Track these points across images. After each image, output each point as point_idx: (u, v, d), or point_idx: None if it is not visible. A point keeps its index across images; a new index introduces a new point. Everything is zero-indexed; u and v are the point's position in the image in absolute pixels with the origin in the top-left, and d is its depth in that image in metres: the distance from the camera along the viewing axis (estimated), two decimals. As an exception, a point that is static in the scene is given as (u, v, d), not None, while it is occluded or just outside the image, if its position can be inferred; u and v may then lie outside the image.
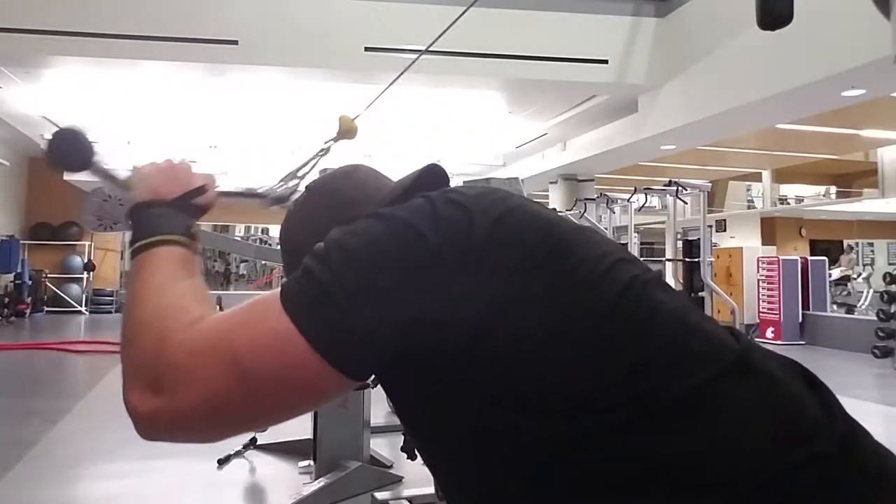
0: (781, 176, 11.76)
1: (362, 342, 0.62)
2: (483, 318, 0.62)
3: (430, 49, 6.20)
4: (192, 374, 0.62)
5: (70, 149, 0.85)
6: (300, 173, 1.07)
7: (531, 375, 0.62)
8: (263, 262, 15.72)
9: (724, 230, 12.31)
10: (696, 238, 9.53)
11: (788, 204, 12.45)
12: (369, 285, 0.62)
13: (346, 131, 1.16)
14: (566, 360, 0.61)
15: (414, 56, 5.98)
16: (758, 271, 9.98)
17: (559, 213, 0.73)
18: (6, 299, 11.33)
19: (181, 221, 0.80)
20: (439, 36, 3.11)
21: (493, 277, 0.63)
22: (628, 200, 8.75)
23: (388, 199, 0.82)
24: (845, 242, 12.78)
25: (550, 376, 0.61)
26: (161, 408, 0.62)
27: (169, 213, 0.79)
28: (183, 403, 0.62)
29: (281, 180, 1.04)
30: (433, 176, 0.85)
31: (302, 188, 1.04)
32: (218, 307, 0.74)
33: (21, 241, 12.38)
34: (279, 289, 0.65)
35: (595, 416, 0.60)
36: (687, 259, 10.63)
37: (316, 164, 1.10)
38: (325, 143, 1.13)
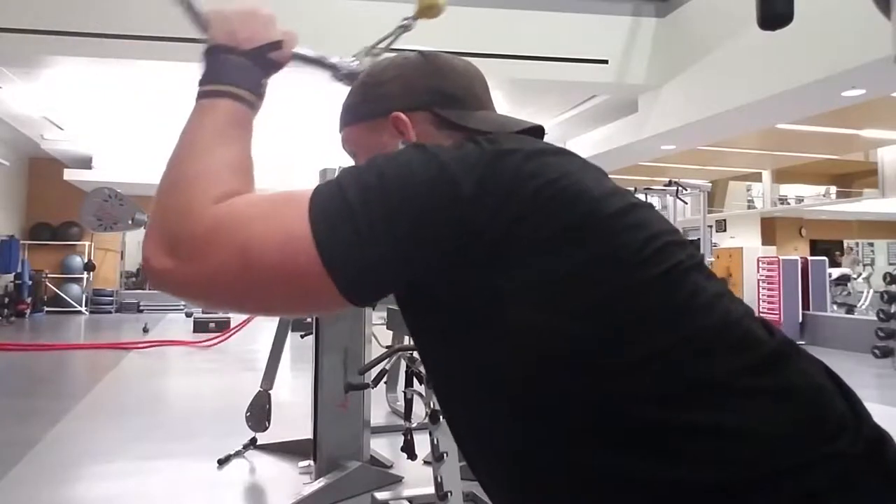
0: (781, 176, 11.75)
1: (371, 273, 0.63)
2: (506, 281, 0.63)
3: (430, 49, 6.19)
4: (203, 251, 0.63)
5: None
6: (374, 51, 1.00)
7: (557, 340, 0.62)
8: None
9: (725, 230, 12.30)
10: (696, 238, 9.53)
11: (788, 204, 12.43)
12: (393, 220, 0.62)
13: (428, 8, 1.00)
14: (599, 332, 0.62)
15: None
16: (758, 271, 9.98)
17: (614, 185, 0.71)
18: (6, 299, 11.34)
19: (253, 76, 0.78)
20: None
21: (524, 245, 0.63)
22: (628, 200, 8.72)
23: (479, 128, 0.79)
24: (845, 242, 12.77)
25: (571, 347, 0.62)
26: (170, 270, 0.64)
27: (243, 63, 0.77)
28: (189, 274, 0.64)
29: (354, 55, 0.96)
30: (538, 135, 0.82)
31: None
32: None
33: (21, 241, 12.38)
34: (312, 189, 0.65)
35: (623, 385, 0.60)
36: (687, 259, 10.58)
37: (393, 42, 1.01)
38: (404, 20, 1.02)
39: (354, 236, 0.62)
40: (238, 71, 0.77)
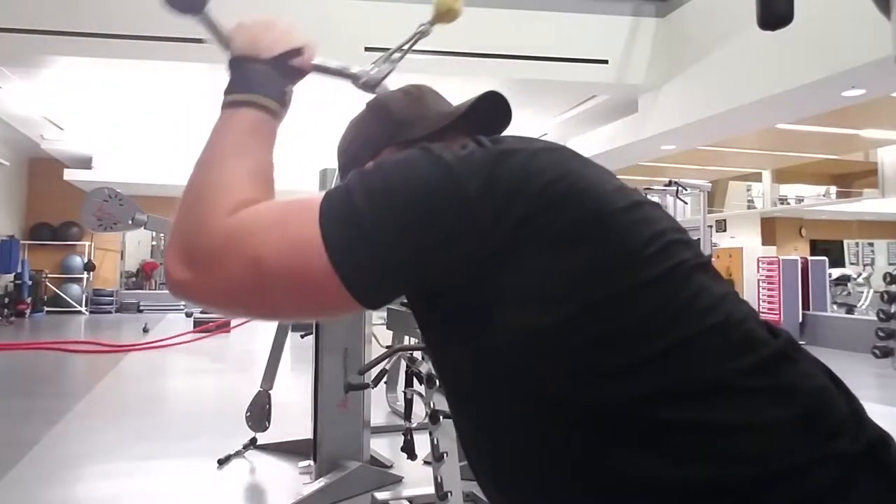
0: (781, 176, 11.75)
1: (382, 276, 0.64)
2: (512, 279, 0.63)
3: (431, 49, 6.19)
4: (217, 263, 0.66)
5: None
6: (393, 57, 1.01)
7: (555, 342, 0.63)
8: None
9: (725, 230, 12.30)
10: (696, 238, 9.54)
11: (788, 204, 12.43)
12: (401, 223, 0.63)
13: (445, 13, 1.01)
14: (604, 331, 0.62)
15: (415, 56, 5.98)
16: (758, 271, 9.98)
17: (620, 183, 0.72)
18: (6, 299, 11.34)
19: (275, 84, 0.80)
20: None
21: (531, 243, 0.63)
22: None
23: (442, 124, 0.83)
24: (845, 242, 12.76)
25: (576, 345, 0.62)
26: (188, 281, 0.67)
27: (266, 71, 0.79)
28: (206, 285, 0.66)
29: (374, 63, 0.99)
30: (491, 104, 0.84)
31: (394, 74, 1.00)
32: None
33: (21, 242, 12.38)
34: (322, 195, 0.67)
35: (626, 384, 0.61)
36: (687, 259, 10.58)
37: (411, 47, 1.02)
38: (421, 25, 1.03)
39: (363, 241, 0.63)
40: (260, 79, 0.78)
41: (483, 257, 0.63)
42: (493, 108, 0.85)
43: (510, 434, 0.67)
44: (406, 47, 1.02)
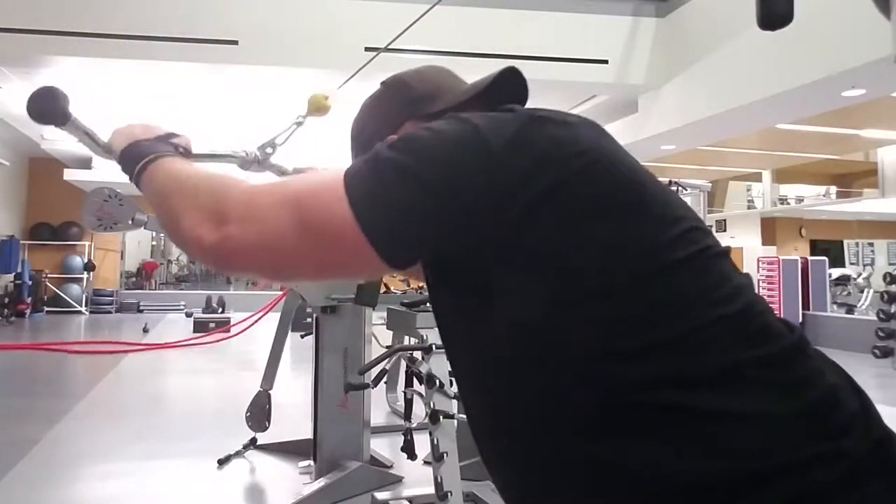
0: (781, 176, 11.75)
1: (402, 233, 0.65)
2: (532, 249, 0.63)
3: (431, 49, 6.19)
4: (256, 209, 0.67)
5: (49, 104, 0.89)
6: (277, 142, 1.15)
7: (571, 319, 0.62)
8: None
9: (725, 230, 12.30)
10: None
11: (788, 204, 12.43)
12: (424, 181, 0.64)
13: (316, 109, 1.21)
14: (623, 311, 0.62)
15: (415, 56, 5.99)
16: (758, 271, 9.98)
17: (641, 167, 0.72)
18: (6, 299, 11.33)
19: (166, 146, 0.85)
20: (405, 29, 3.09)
21: (554, 213, 0.63)
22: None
23: (463, 99, 0.84)
24: (845, 242, 12.77)
25: (594, 323, 0.62)
26: (224, 238, 0.67)
27: (154, 143, 0.85)
28: (245, 236, 0.66)
29: (258, 147, 1.12)
30: (511, 79, 0.85)
31: (274, 157, 1.12)
32: (221, 309, 0.77)
33: (21, 241, 12.37)
34: (344, 170, 0.67)
35: (636, 368, 0.60)
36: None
37: (290, 135, 1.16)
38: (298, 117, 1.20)
39: (391, 204, 0.64)
40: (154, 146, 0.84)
41: (507, 220, 0.63)
42: (512, 84, 0.85)
43: (521, 414, 0.66)
44: (284, 136, 1.16)
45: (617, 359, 0.60)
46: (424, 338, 2.54)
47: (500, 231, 0.63)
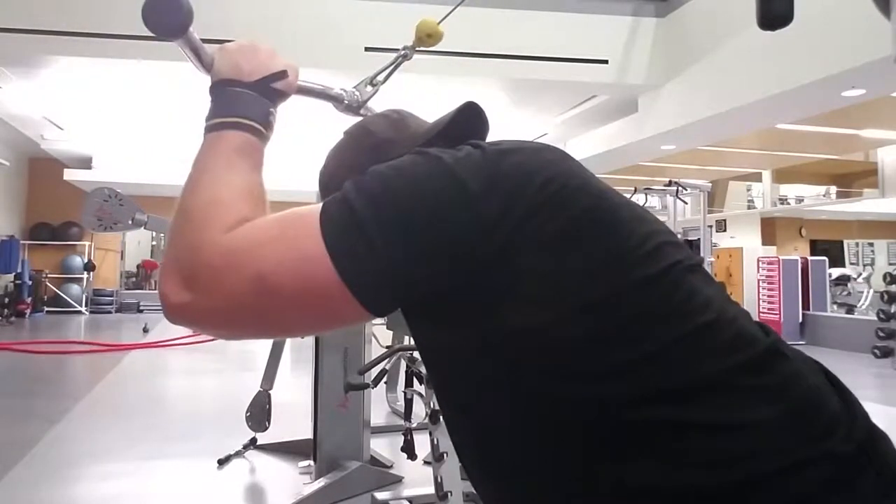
0: (781, 176, 11.75)
1: (388, 279, 0.63)
2: (511, 280, 0.63)
3: (430, 49, 6.19)
4: (218, 282, 0.64)
5: (171, 12, 0.79)
6: (375, 81, 1.04)
7: (552, 342, 0.62)
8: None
9: (725, 230, 12.30)
10: (696, 238, 9.53)
11: (788, 204, 12.43)
12: (403, 224, 0.63)
13: (427, 36, 1.05)
14: (600, 330, 0.62)
15: (414, 56, 5.98)
16: (758, 271, 9.98)
17: (608, 186, 0.72)
18: (6, 299, 11.34)
19: (259, 106, 0.79)
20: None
21: (530, 242, 0.63)
22: (628, 200, 8.73)
23: (425, 139, 0.83)
24: (845, 242, 12.77)
25: (574, 345, 0.62)
26: (189, 303, 0.65)
27: (248, 94, 0.78)
28: (207, 306, 0.65)
29: (355, 87, 1.01)
30: (472, 115, 0.85)
31: (375, 97, 1.02)
32: None
33: (21, 242, 12.38)
34: (319, 206, 0.66)
35: (620, 385, 0.60)
36: (687, 259, 10.57)
37: (392, 71, 1.05)
38: (403, 48, 1.07)
39: (366, 245, 0.62)
40: (244, 101, 0.78)
41: (486, 256, 0.63)
42: (471, 120, 0.85)
43: (505, 439, 0.67)
44: (388, 71, 1.04)
45: (602, 378, 0.61)
46: (424, 338, 2.54)
47: (476, 266, 0.63)
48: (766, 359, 0.64)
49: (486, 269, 0.63)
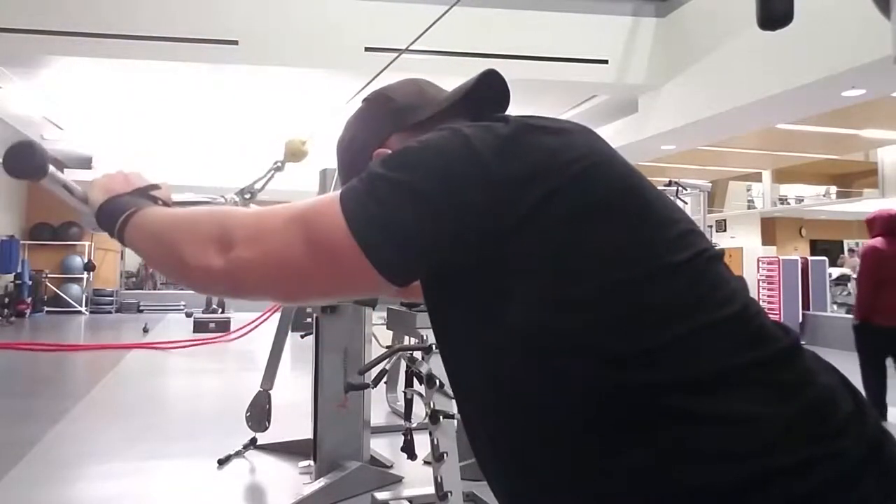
0: (781, 176, 11.75)
1: (406, 249, 0.65)
2: (534, 256, 0.63)
3: (430, 49, 6.19)
4: (263, 230, 0.68)
5: (26, 158, 0.89)
6: (255, 188, 1.17)
7: (574, 322, 0.62)
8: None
9: (725, 230, 12.29)
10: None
11: (788, 204, 12.43)
12: (422, 191, 0.64)
13: (293, 154, 1.23)
14: (616, 316, 0.62)
15: (414, 56, 5.99)
16: (758, 271, 9.98)
17: (634, 168, 0.72)
18: (6, 299, 11.34)
19: (147, 200, 0.85)
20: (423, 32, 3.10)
21: (552, 220, 0.63)
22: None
23: (446, 105, 0.84)
24: (845, 242, 12.76)
25: (598, 329, 0.61)
26: (235, 260, 0.68)
27: (132, 198, 0.84)
28: (254, 254, 0.67)
29: (236, 193, 1.13)
30: (493, 82, 0.85)
31: (253, 201, 1.13)
32: (220, 309, 0.78)
33: (21, 241, 12.37)
34: (339, 191, 0.68)
35: (635, 373, 0.60)
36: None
37: (269, 179, 1.18)
38: (275, 162, 1.23)
39: (387, 218, 0.64)
40: (133, 201, 0.83)
41: (505, 230, 0.63)
42: (493, 87, 0.85)
43: (520, 422, 0.66)
44: (264, 182, 1.18)
45: (616, 364, 0.60)
46: (424, 338, 2.54)
47: (499, 241, 0.64)
48: (784, 357, 0.64)
49: (506, 243, 0.64)
